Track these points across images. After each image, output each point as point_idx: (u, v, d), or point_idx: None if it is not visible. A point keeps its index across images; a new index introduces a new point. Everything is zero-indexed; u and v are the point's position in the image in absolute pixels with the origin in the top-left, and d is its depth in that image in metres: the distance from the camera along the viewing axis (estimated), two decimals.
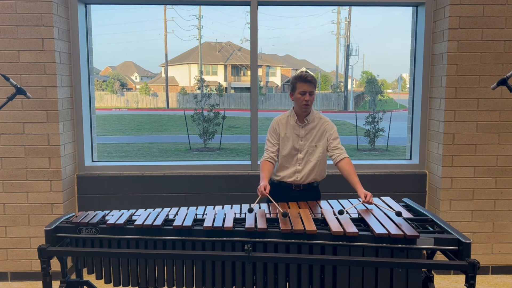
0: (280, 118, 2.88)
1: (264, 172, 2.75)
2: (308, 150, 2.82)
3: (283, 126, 2.84)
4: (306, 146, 2.81)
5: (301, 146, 2.81)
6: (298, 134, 2.82)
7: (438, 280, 3.41)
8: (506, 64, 3.37)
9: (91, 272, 2.34)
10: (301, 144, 2.81)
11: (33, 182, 3.38)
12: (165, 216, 2.39)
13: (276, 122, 2.87)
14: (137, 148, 12.80)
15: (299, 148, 2.81)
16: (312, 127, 2.83)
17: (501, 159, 3.47)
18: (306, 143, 2.81)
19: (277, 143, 2.84)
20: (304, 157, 2.81)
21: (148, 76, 38.54)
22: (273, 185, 2.78)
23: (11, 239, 3.43)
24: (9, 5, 3.22)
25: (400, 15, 67.58)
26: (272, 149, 2.84)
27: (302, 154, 2.81)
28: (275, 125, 2.86)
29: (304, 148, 2.81)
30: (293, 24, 53.96)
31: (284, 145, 2.83)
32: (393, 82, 33.84)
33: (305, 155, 2.81)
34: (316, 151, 2.82)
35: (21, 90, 2.49)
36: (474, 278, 2.04)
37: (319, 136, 2.83)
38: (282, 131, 2.84)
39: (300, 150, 2.82)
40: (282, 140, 2.83)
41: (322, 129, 2.83)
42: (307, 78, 2.72)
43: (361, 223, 2.31)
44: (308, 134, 2.82)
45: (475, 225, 3.53)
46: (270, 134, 2.87)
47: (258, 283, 2.20)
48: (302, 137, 2.81)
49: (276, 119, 2.90)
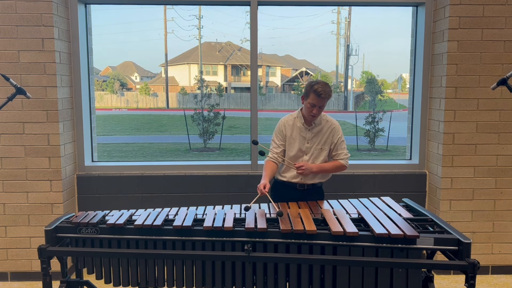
0: (287, 120, 2.86)
1: (266, 171, 2.75)
2: (314, 153, 2.81)
3: (290, 128, 2.83)
4: (312, 149, 2.81)
5: (307, 149, 2.81)
6: (304, 137, 2.81)
7: (438, 280, 3.41)
8: (506, 64, 3.37)
9: (91, 272, 2.35)
10: (307, 147, 2.81)
11: (33, 182, 3.38)
12: (165, 216, 2.39)
13: (282, 124, 2.86)
14: (137, 148, 12.80)
15: (305, 150, 2.81)
16: (319, 130, 2.81)
17: (501, 159, 3.47)
18: (313, 145, 2.81)
19: (282, 144, 2.83)
20: (309, 160, 2.81)
21: (148, 76, 38.54)
22: (278, 184, 2.79)
23: (11, 239, 3.43)
24: (9, 5, 3.22)
25: (400, 15, 67.58)
26: (276, 149, 2.83)
27: (307, 156, 2.81)
28: (282, 127, 2.84)
29: (310, 150, 2.81)
30: (293, 24, 53.86)
31: (290, 146, 2.82)
32: (393, 82, 33.85)
33: (310, 157, 2.81)
34: (322, 154, 2.82)
35: (21, 90, 2.49)
36: (474, 278, 2.04)
37: (325, 139, 2.82)
38: (289, 132, 2.82)
39: (306, 152, 2.81)
40: (288, 141, 2.82)
41: (328, 132, 2.82)
42: (321, 94, 2.64)
43: (361, 223, 2.31)
44: (315, 137, 2.81)
45: (475, 225, 3.53)
46: (276, 135, 2.86)
47: (258, 283, 2.20)
48: (309, 139, 2.80)
49: (283, 120, 2.88)
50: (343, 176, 3.65)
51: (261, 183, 2.60)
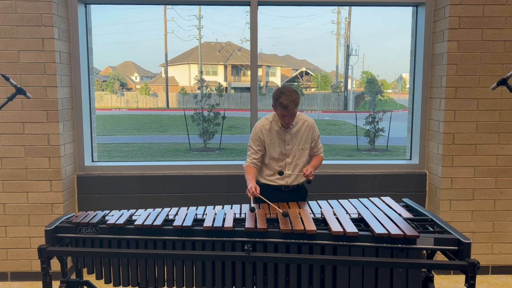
0: (263, 124, 2.83)
1: (250, 174, 2.75)
2: (296, 154, 2.81)
3: (267, 133, 2.81)
4: (294, 150, 2.80)
5: (288, 151, 2.80)
6: (284, 140, 2.80)
7: (438, 280, 3.41)
8: (506, 64, 3.37)
9: (91, 272, 2.35)
10: (288, 149, 2.80)
11: (33, 182, 3.38)
12: (165, 216, 2.39)
13: (259, 129, 2.82)
14: (137, 148, 12.80)
15: (287, 153, 2.80)
16: (297, 130, 2.81)
17: (501, 159, 3.47)
18: (293, 147, 2.80)
19: (260, 149, 2.81)
20: (292, 161, 2.81)
21: (148, 76, 38.57)
22: (262, 187, 2.75)
23: (11, 239, 3.43)
24: (9, 5, 3.22)
25: (400, 15, 67.59)
26: (255, 155, 2.81)
27: (290, 158, 2.81)
28: (259, 133, 2.82)
29: (292, 152, 2.80)
30: (293, 24, 53.98)
31: (271, 151, 2.81)
32: (393, 82, 33.87)
33: (293, 159, 2.81)
34: (304, 154, 2.83)
35: (21, 90, 2.49)
36: (474, 278, 2.04)
37: (305, 139, 2.82)
38: (267, 138, 2.80)
39: (288, 154, 2.81)
40: (268, 146, 2.81)
41: (307, 131, 2.82)
42: (288, 107, 2.62)
43: (361, 223, 2.31)
44: (294, 138, 2.80)
45: (475, 225, 3.53)
46: (253, 140, 2.83)
47: (258, 283, 2.20)
48: (288, 141, 2.80)
49: (259, 125, 2.85)
50: (343, 176, 3.65)
51: (251, 186, 2.60)
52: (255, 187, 2.59)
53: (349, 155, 11.63)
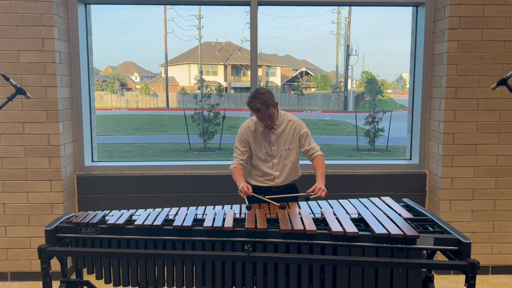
0: (248, 125, 2.83)
1: (237, 175, 2.75)
2: (283, 155, 2.80)
3: (252, 134, 2.80)
4: (280, 151, 2.79)
5: (274, 152, 2.80)
6: (269, 140, 2.79)
7: (438, 280, 3.41)
8: (506, 64, 3.37)
9: (91, 272, 2.34)
10: (274, 150, 2.80)
11: (33, 182, 3.38)
12: (165, 216, 2.39)
13: (244, 130, 2.83)
14: (137, 148, 12.80)
15: (273, 153, 2.80)
16: (281, 130, 2.80)
17: (501, 159, 3.47)
18: (279, 147, 2.79)
19: (246, 150, 2.82)
20: (279, 162, 2.80)
21: (148, 76, 38.58)
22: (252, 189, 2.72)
23: (11, 239, 3.43)
24: (9, 5, 3.22)
25: (400, 15, 67.58)
26: (241, 156, 2.82)
27: (276, 159, 2.80)
28: (244, 134, 2.82)
29: (278, 152, 2.80)
30: (293, 24, 53.97)
31: (257, 152, 2.81)
32: (393, 82, 33.88)
33: (280, 159, 2.80)
34: (290, 154, 2.81)
35: (21, 90, 2.49)
36: (474, 278, 2.04)
37: (290, 139, 2.80)
38: (252, 139, 2.80)
39: (274, 155, 2.80)
40: (254, 148, 2.81)
41: (292, 131, 2.80)
42: (260, 110, 2.59)
43: (361, 223, 2.31)
44: (279, 138, 2.79)
45: (475, 225, 3.53)
46: (239, 141, 2.83)
47: (258, 283, 2.20)
48: (274, 142, 2.79)
49: (244, 126, 2.84)
50: (343, 176, 3.65)
51: (242, 186, 2.59)
52: (246, 186, 2.59)
53: (349, 155, 11.64)
